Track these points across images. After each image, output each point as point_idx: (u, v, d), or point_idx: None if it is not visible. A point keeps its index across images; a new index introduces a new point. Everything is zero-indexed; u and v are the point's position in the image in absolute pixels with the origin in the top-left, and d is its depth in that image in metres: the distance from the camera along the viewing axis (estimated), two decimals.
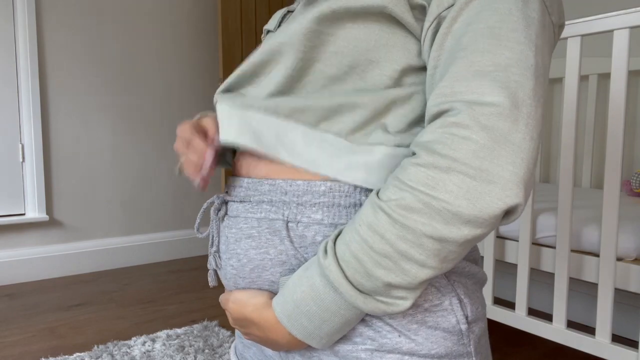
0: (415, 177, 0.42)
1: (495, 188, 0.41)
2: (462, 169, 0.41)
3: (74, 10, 2.50)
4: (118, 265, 2.68)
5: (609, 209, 1.17)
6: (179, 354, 1.56)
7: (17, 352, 1.62)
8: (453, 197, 0.41)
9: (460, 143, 0.41)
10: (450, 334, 0.50)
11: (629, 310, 1.81)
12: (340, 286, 0.45)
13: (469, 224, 0.42)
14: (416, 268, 0.43)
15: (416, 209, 0.42)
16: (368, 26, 0.50)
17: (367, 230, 0.44)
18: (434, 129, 0.43)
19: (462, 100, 0.42)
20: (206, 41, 2.96)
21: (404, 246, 0.43)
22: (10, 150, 2.38)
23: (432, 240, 0.42)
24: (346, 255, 0.45)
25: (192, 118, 3.11)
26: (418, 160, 0.43)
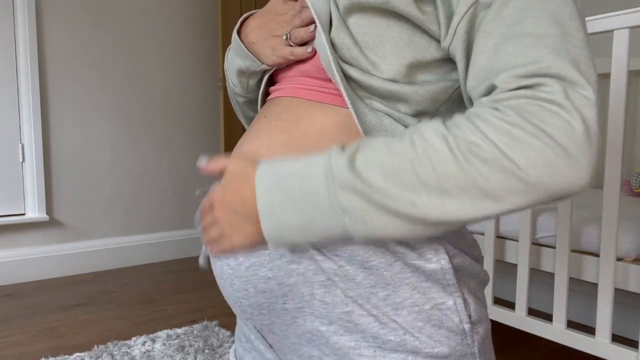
0: (496, 131, 0.41)
1: (571, 172, 0.40)
2: (549, 142, 0.40)
3: (74, 10, 2.50)
4: (118, 265, 2.68)
5: (609, 209, 1.17)
6: (179, 354, 1.56)
7: (17, 352, 1.62)
8: (529, 163, 0.40)
9: (553, 118, 0.40)
10: (453, 333, 0.50)
11: (629, 310, 1.81)
12: (343, 181, 0.43)
13: (524, 194, 0.41)
14: (446, 211, 0.42)
15: (483, 158, 0.41)
16: (374, 21, 0.50)
17: (421, 153, 0.42)
18: (523, 98, 0.41)
19: (553, 75, 0.41)
20: (206, 41, 2.96)
21: (451, 185, 0.41)
22: (10, 150, 2.38)
23: (481, 193, 0.41)
24: (385, 162, 0.43)
25: (192, 118, 3.10)
26: (504, 117, 0.41)
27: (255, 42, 0.61)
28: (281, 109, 0.57)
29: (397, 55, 0.50)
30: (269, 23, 0.60)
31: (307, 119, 0.54)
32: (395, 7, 0.48)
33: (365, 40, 0.50)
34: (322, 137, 0.53)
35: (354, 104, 0.51)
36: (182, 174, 2.91)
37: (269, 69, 0.62)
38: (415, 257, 0.50)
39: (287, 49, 0.57)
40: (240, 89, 0.68)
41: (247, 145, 0.57)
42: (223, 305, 2.08)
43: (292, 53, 0.57)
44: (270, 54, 0.59)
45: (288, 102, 0.57)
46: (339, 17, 0.52)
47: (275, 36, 0.59)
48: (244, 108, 0.75)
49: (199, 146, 2.97)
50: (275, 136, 0.55)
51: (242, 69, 0.64)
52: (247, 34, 0.63)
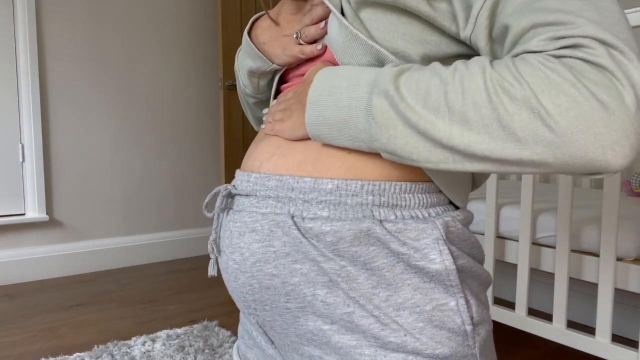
0: (533, 73, 0.39)
1: (608, 136, 0.37)
2: (587, 95, 0.37)
3: (74, 10, 2.50)
4: (118, 265, 2.68)
5: (609, 209, 1.17)
6: (179, 354, 1.56)
7: (17, 352, 1.62)
8: (558, 110, 0.38)
9: (599, 76, 0.37)
10: (455, 334, 0.50)
11: (629, 310, 1.81)
12: (383, 78, 0.45)
13: (549, 147, 0.38)
14: (461, 138, 0.41)
15: (512, 96, 0.39)
16: (386, 17, 0.50)
17: (458, 79, 0.42)
18: (566, 57, 0.39)
19: (593, 37, 0.38)
20: (206, 41, 2.96)
21: (473, 115, 0.41)
22: (10, 150, 2.38)
23: (502, 130, 0.40)
24: (422, 82, 0.44)
25: (192, 118, 3.10)
26: (546, 63, 0.39)
27: (266, 43, 0.61)
28: None
29: (410, 51, 0.50)
30: (279, 23, 0.61)
31: None
32: (406, 4, 0.48)
33: (378, 35, 0.51)
34: None
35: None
36: (182, 174, 2.91)
37: (280, 68, 0.63)
38: (419, 258, 0.50)
39: (297, 47, 0.58)
40: (251, 90, 0.69)
41: (261, 145, 0.58)
42: (223, 305, 2.08)
43: (302, 52, 0.57)
44: (280, 53, 0.60)
45: None
46: (351, 11, 0.52)
47: (285, 36, 0.59)
48: (254, 109, 0.75)
49: (199, 146, 2.97)
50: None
51: (252, 70, 0.64)
52: (257, 34, 0.63)
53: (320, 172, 0.52)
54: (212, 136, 3.02)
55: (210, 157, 3.02)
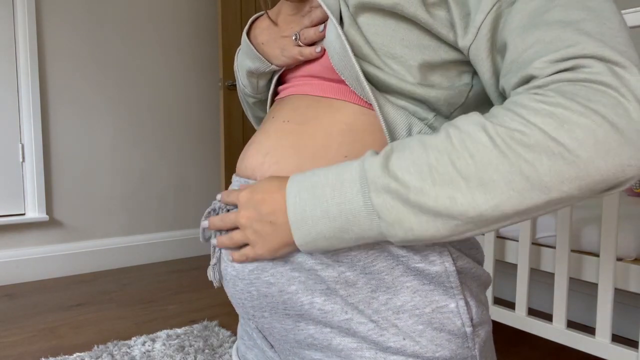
0: (538, 114, 0.38)
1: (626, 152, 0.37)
2: (598, 120, 0.37)
3: (74, 10, 2.50)
4: (118, 265, 2.68)
5: (609, 209, 1.17)
6: (179, 354, 1.56)
7: (17, 352, 1.62)
8: (577, 144, 0.37)
9: (603, 97, 0.37)
10: (455, 336, 0.50)
11: (629, 310, 1.81)
12: (376, 183, 0.41)
13: (576, 180, 0.38)
14: (488, 205, 0.39)
15: (527, 144, 0.38)
16: (384, 22, 0.50)
17: (458, 144, 0.40)
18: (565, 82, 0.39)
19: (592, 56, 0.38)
20: (206, 41, 2.96)
21: (492, 175, 0.39)
22: (10, 150, 2.38)
23: (526, 181, 0.38)
24: (419, 159, 0.41)
25: (192, 118, 3.10)
26: (546, 99, 0.38)
27: (265, 43, 0.61)
28: (290, 110, 0.57)
29: (408, 56, 0.49)
30: (278, 24, 0.60)
31: (315, 120, 0.54)
32: (404, 11, 0.48)
33: (376, 40, 0.50)
34: (329, 137, 0.53)
35: (375, 95, 0.50)
36: (182, 174, 2.91)
37: (278, 69, 0.63)
38: (419, 260, 0.49)
39: (295, 49, 0.57)
40: (250, 90, 0.68)
41: (256, 147, 0.58)
42: (223, 305, 2.08)
43: (300, 53, 0.57)
44: (279, 54, 0.59)
45: (297, 103, 0.57)
46: (349, 15, 0.52)
47: (284, 37, 0.59)
48: (254, 109, 0.75)
49: (199, 146, 2.97)
50: (283, 138, 0.55)
51: (251, 70, 0.64)
52: (256, 35, 0.63)
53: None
54: (212, 136, 3.02)
55: (210, 157, 3.02)
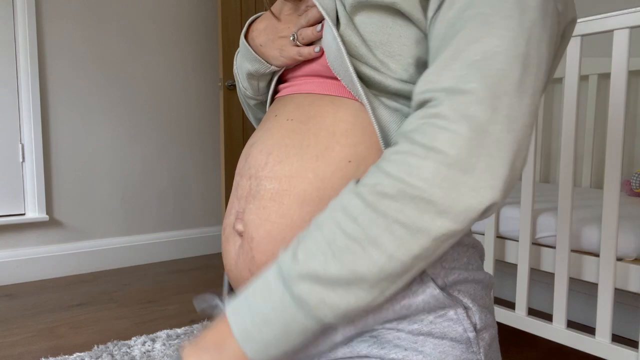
0: (393, 164, 0.42)
1: (470, 179, 0.40)
2: (439, 157, 0.40)
3: (74, 10, 2.50)
4: (118, 265, 2.68)
5: (609, 209, 1.17)
6: None
7: (17, 352, 1.62)
8: (428, 184, 0.40)
9: (439, 132, 0.40)
10: (458, 342, 0.49)
11: (629, 310, 1.81)
12: (291, 274, 0.44)
13: (442, 215, 0.40)
14: (384, 258, 0.41)
15: (390, 195, 0.41)
16: (382, 20, 0.50)
17: (341, 214, 0.44)
18: (416, 119, 0.43)
19: (444, 88, 0.42)
20: (206, 41, 2.96)
21: (375, 231, 0.41)
22: (10, 150, 2.38)
23: (404, 228, 0.41)
24: (317, 238, 0.44)
25: (192, 118, 3.09)
26: (397, 148, 0.43)
27: (263, 45, 0.61)
28: (292, 108, 0.57)
29: (405, 54, 0.49)
30: (275, 25, 0.60)
31: (318, 119, 0.54)
32: (402, 8, 0.48)
33: (373, 39, 0.50)
34: (332, 138, 0.52)
35: (368, 98, 0.51)
36: (182, 174, 2.91)
37: (278, 70, 0.62)
38: (402, 297, 0.48)
39: (294, 49, 0.57)
40: (251, 92, 0.68)
41: (259, 146, 0.57)
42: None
43: (299, 53, 0.57)
44: (278, 55, 0.59)
45: (299, 101, 0.57)
46: (345, 14, 0.51)
47: (282, 37, 0.59)
48: (255, 110, 0.75)
49: (199, 146, 2.97)
50: (287, 137, 0.55)
51: (251, 72, 0.64)
52: (254, 37, 0.63)
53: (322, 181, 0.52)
54: (212, 136, 3.02)
55: (210, 157, 3.02)
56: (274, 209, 0.52)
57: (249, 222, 0.54)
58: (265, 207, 0.53)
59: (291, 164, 0.53)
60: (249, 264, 0.54)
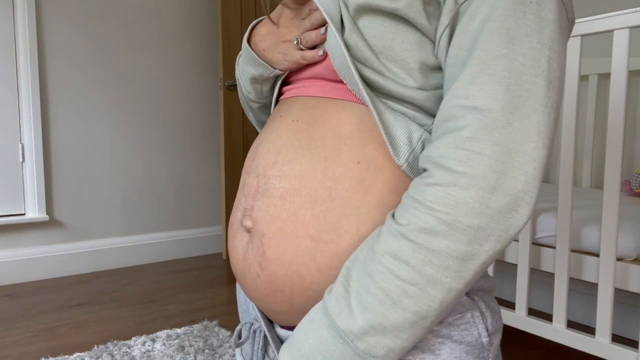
0: (435, 198, 0.42)
1: (511, 201, 0.41)
2: (480, 185, 0.41)
3: (74, 10, 2.50)
4: (118, 265, 2.68)
5: (609, 209, 1.17)
6: (179, 354, 1.56)
7: (17, 352, 1.62)
8: (474, 214, 0.41)
9: (477, 159, 0.41)
10: (473, 347, 0.50)
11: (629, 310, 1.81)
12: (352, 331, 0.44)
13: (489, 239, 0.42)
14: (443, 292, 0.43)
15: (439, 232, 0.42)
16: (384, 25, 0.50)
17: (391, 259, 0.44)
18: (446, 144, 0.43)
19: (474, 107, 0.42)
20: (206, 41, 2.96)
21: (430, 271, 0.42)
22: (10, 150, 2.38)
23: (458, 260, 0.42)
24: (371, 288, 0.44)
25: (192, 118, 3.10)
26: (434, 180, 0.43)
27: (266, 49, 0.61)
28: (298, 110, 0.57)
29: (407, 59, 0.50)
30: (278, 29, 0.60)
31: (323, 121, 0.54)
32: (405, 14, 0.48)
33: (376, 43, 0.50)
34: (339, 139, 0.53)
35: (373, 101, 0.51)
36: (182, 174, 2.91)
37: (282, 73, 0.63)
38: None
39: (297, 53, 0.57)
40: (254, 96, 0.68)
41: (267, 146, 0.58)
42: (223, 305, 2.08)
43: (302, 57, 0.57)
44: (281, 59, 0.60)
45: (303, 103, 0.57)
46: (349, 19, 0.52)
47: (285, 41, 0.59)
48: (257, 113, 0.75)
49: (199, 146, 2.97)
50: (294, 138, 0.55)
51: (255, 77, 0.64)
52: (257, 42, 0.63)
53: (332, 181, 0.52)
54: (212, 136, 3.02)
55: (210, 157, 3.02)
56: (285, 207, 0.52)
57: (258, 219, 0.55)
58: (275, 205, 0.53)
59: (300, 164, 0.53)
60: (260, 259, 0.54)
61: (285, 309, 0.55)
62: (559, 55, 0.44)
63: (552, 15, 0.44)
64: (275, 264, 0.52)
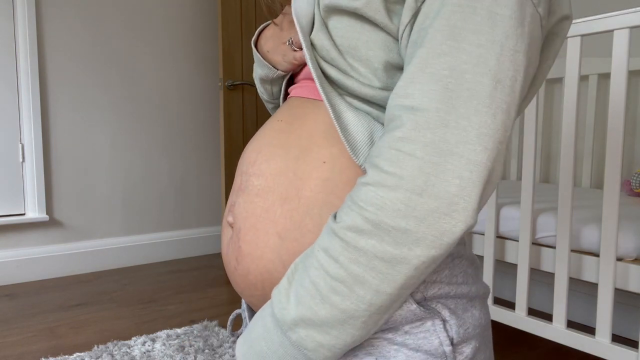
0: (365, 197, 0.42)
1: (442, 205, 0.39)
2: (408, 186, 0.40)
3: (74, 10, 2.50)
4: (118, 265, 2.68)
5: (609, 209, 1.17)
6: (179, 354, 1.56)
7: (17, 352, 1.62)
8: (401, 215, 0.40)
9: (406, 159, 0.40)
10: (432, 356, 0.48)
11: (629, 310, 1.81)
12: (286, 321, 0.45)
13: (420, 244, 0.40)
14: (371, 294, 0.42)
15: (366, 231, 0.41)
16: (350, 25, 0.50)
17: (324, 255, 0.44)
18: (383, 143, 0.42)
19: (410, 107, 0.41)
20: (206, 41, 2.96)
21: (357, 270, 0.42)
22: (10, 150, 2.38)
23: (384, 262, 0.41)
24: (305, 282, 0.45)
25: (192, 118, 3.10)
26: (367, 179, 0.42)
27: (270, 51, 0.63)
28: (285, 110, 0.59)
29: (372, 59, 0.50)
30: (279, 31, 0.63)
31: (302, 121, 0.56)
32: (365, 13, 0.48)
33: (342, 43, 0.51)
34: (311, 139, 0.54)
35: (330, 100, 0.51)
36: (182, 174, 2.91)
37: (286, 74, 0.65)
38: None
39: (292, 54, 0.60)
40: (267, 96, 0.71)
41: (253, 144, 0.60)
42: (223, 305, 2.08)
43: (294, 58, 0.59)
44: (281, 60, 0.62)
45: (292, 103, 0.59)
46: (320, 19, 0.53)
47: (284, 43, 0.61)
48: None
49: (199, 146, 2.97)
50: (275, 137, 0.57)
51: (263, 78, 0.67)
52: (262, 44, 0.65)
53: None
54: (212, 136, 3.02)
55: (210, 157, 3.02)
56: (260, 204, 0.54)
57: (237, 215, 0.57)
58: (252, 201, 0.55)
59: (276, 162, 0.54)
60: (236, 253, 0.56)
61: (261, 302, 0.56)
62: (516, 53, 0.41)
63: (508, 11, 0.41)
64: (248, 259, 0.54)
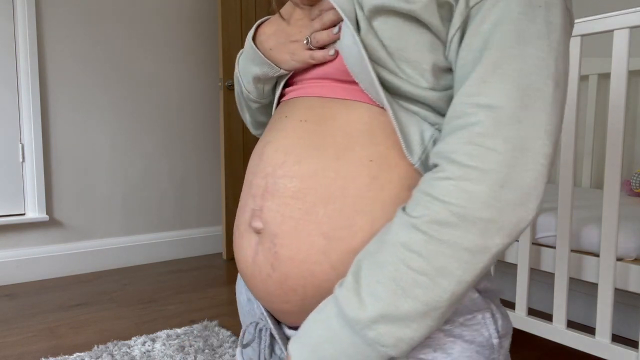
0: (447, 191, 0.44)
1: (521, 194, 0.43)
2: (492, 178, 0.43)
3: (74, 10, 2.50)
4: (118, 265, 2.68)
5: (609, 209, 1.17)
6: (179, 354, 1.56)
7: (17, 352, 1.62)
8: (486, 206, 0.43)
9: (488, 154, 0.43)
10: (483, 348, 0.51)
11: (629, 310, 1.81)
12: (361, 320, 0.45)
13: (500, 232, 0.43)
14: (454, 284, 0.44)
15: (451, 223, 0.43)
16: (398, 26, 0.50)
17: (403, 249, 0.45)
18: (458, 139, 0.45)
19: (485, 105, 0.44)
20: (206, 41, 2.96)
21: (442, 261, 0.43)
22: (10, 150, 2.38)
23: (468, 252, 0.43)
24: (382, 278, 0.45)
25: (192, 118, 3.10)
26: (446, 174, 0.44)
27: (273, 49, 0.62)
28: (305, 110, 0.57)
29: (420, 60, 0.50)
30: (286, 29, 0.61)
31: (332, 121, 0.55)
32: (421, 16, 0.49)
33: (390, 44, 0.51)
34: (350, 139, 0.53)
35: (389, 101, 0.52)
36: (182, 174, 2.91)
37: (287, 73, 0.63)
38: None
39: (307, 53, 0.58)
40: (255, 95, 0.69)
41: (274, 145, 0.58)
42: (223, 305, 2.08)
43: (312, 57, 0.57)
44: (288, 59, 0.60)
45: (310, 103, 0.58)
46: (365, 19, 0.52)
47: (293, 41, 0.59)
48: (255, 113, 0.75)
49: (199, 146, 2.97)
50: (303, 137, 0.55)
51: (258, 76, 0.65)
52: (262, 41, 0.63)
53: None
54: (212, 136, 3.02)
55: (210, 157, 3.02)
56: (297, 206, 0.53)
57: (269, 219, 0.55)
58: (287, 204, 0.54)
59: (309, 163, 0.53)
60: (272, 260, 0.55)
61: (296, 309, 0.55)
62: (564, 57, 0.46)
63: (559, 20, 0.46)
64: (289, 264, 0.53)
